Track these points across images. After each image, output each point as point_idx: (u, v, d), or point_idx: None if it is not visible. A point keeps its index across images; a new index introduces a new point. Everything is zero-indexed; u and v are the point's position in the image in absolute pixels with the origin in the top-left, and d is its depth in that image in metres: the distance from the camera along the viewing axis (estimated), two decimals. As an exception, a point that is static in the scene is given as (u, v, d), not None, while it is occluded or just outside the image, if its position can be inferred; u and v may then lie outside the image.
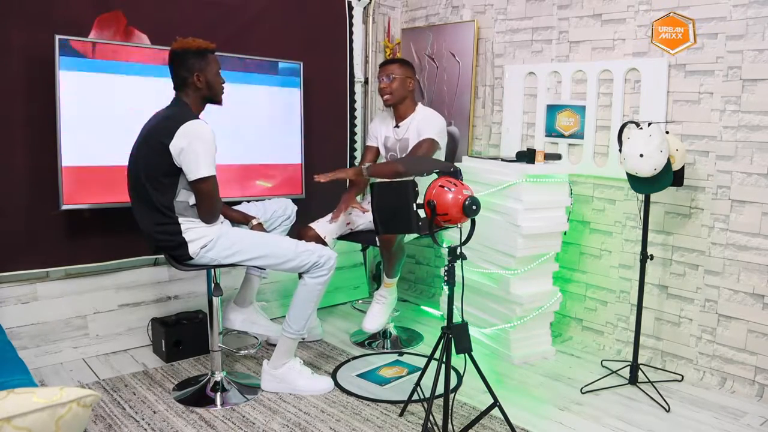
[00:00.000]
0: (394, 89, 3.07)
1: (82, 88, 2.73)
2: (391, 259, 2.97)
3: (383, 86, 3.09)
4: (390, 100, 3.09)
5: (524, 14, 3.50)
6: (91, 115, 2.76)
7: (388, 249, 2.92)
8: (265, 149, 3.37)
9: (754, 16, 2.62)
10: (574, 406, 2.60)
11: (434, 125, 3.05)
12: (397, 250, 2.94)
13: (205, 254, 2.41)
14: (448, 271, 2.15)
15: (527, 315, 3.00)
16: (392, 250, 2.92)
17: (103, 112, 2.79)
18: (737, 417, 2.52)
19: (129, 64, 2.84)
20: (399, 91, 3.08)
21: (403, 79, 3.07)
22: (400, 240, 2.90)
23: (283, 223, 2.95)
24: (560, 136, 3.36)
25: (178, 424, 2.38)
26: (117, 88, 2.83)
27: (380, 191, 2.09)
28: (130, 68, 2.85)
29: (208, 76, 2.43)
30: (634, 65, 3.02)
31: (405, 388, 2.65)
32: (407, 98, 3.11)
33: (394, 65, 3.10)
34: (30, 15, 2.70)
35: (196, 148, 2.28)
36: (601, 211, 3.24)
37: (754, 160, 2.67)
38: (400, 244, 2.93)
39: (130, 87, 2.85)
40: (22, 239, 2.78)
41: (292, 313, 2.58)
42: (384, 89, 3.08)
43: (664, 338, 3.02)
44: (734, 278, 2.76)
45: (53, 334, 2.90)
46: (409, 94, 3.12)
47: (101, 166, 2.80)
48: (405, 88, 3.09)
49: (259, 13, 3.41)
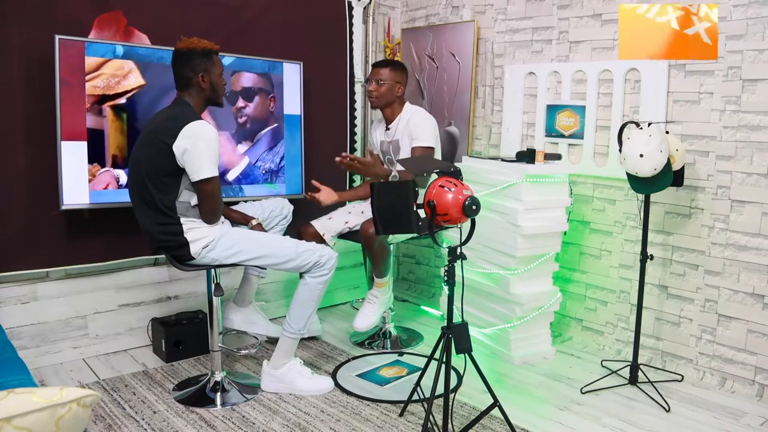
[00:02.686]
0: (381, 94, 3.08)
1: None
2: (374, 258, 2.97)
3: (371, 89, 3.11)
4: (375, 104, 3.13)
5: (524, 14, 3.50)
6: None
7: (370, 248, 2.91)
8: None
9: (754, 16, 2.62)
10: (574, 406, 2.60)
11: (425, 129, 3.03)
12: (380, 249, 2.92)
13: (206, 254, 2.41)
14: (448, 271, 2.15)
15: (527, 315, 3.00)
16: (374, 249, 2.91)
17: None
18: (737, 417, 2.52)
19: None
20: (385, 96, 3.09)
21: (392, 84, 3.07)
22: (381, 239, 2.89)
23: (280, 223, 2.95)
24: (560, 136, 3.36)
25: (178, 424, 2.38)
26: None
27: (380, 191, 2.09)
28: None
29: (212, 77, 2.44)
30: (634, 65, 3.02)
31: (405, 388, 2.65)
32: (394, 102, 3.12)
33: (385, 69, 3.09)
34: (30, 15, 2.69)
35: (200, 149, 2.28)
36: (601, 211, 3.24)
37: (754, 160, 2.67)
38: (381, 243, 2.91)
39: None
40: (22, 239, 2.78)
41: (292, 312, 2.58)
42: (371, 92, 3.11)
43: (664, 338, 3.02)
44: (734, 278, 2.76)
45: (53, 334, 2.90)
46: (397, 98, 3.12)
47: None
48: (392, 93, 3.09)
49: (259, 13, 3.41)
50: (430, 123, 3.08)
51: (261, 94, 3.29)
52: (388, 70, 3.09)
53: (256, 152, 3.29)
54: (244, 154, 3.24)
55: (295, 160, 3.45)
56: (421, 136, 3.01)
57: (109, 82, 2.78)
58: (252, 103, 3.26)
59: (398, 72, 3.12)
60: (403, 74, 3.14)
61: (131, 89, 2.84)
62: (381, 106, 3.13)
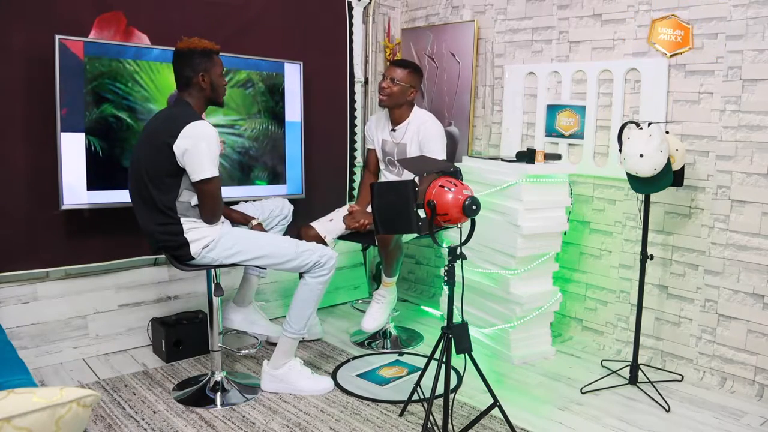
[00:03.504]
0: (394, 93, 3.04)
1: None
2: (388, 257, 2.97)
3: (384, 85, 3.06)
4: (385, 102, 3.08)
5: (524, 14, 3.50)
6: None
7: (386, 247, 2.92)
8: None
9: (754, 16, 2.62)
10: (574, 406, 2.60)
11: (437, 142, 3.02)
12: (395, 249, 2.94)
13: (206, 254, 2.41)
14: (448, 271, 2.15)
15: (527, 315, 3.00)
16: (389, 249, 2.91)
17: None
18: (737, 417, 2.52)
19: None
20: (397, 97, 3.05)
21: (406, 87, 3.04)
22: (397, 239, 2.89)
23: (280, 223, 2.95)
24: (560, 136, 3.36)
25: (178, 424, 2.38)
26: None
27: (380, 191, 2.09)
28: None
29: (213, 77, 2.44)
30: (634, 65, 3.02)
31: (405, 388, 2.65)
32: (404, 104, 3.10)
33: (404, 71, 3.05)
34: (30, 15, 2.70)
35: (200, 149, 2.28)
36: (601, 211, 3.24)
37: (754, 160, 2.67)
38: (397, 242, 2.92)
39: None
40: (22, 239, 2.78)
41: (292, 312, 2.58)
42: (383, 89, 3.05)
43: (664, 338, 3.02)
44: (734, 278, 2.76)
45: (53, 334, 2.90)
46: (407, 102, 3.10)
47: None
48: (404, 95, 3.06)
49: (259, 13, 3.41)
50: (441, 134, 3.07)
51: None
52: (406, 73, 3.05)
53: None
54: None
55: (295, 161, 3.45)
56: (433, 149, 3.01)
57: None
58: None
59: (415, 76, 3.09)
60: (418, 78, 3.12)
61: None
62: (390, 105, 3.09)
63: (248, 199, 3.03)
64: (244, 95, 3.23)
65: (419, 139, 3.05)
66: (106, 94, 2.79)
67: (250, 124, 3.28)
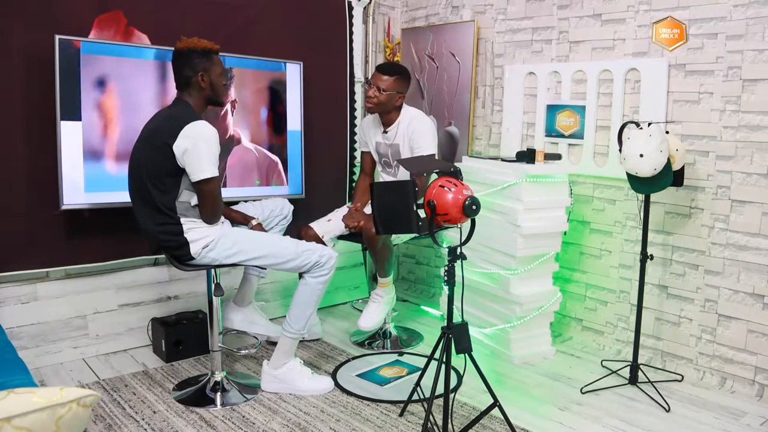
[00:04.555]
0: (381, 101, 3.02)
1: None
2: (378, 258, 2.97)
3: (370, 94, 3.04)
4: (372, 110, 3.09)
5: (524, 14, 3.50)
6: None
7: (373, 248, 2.91)
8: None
9: (754, 16, 2.62)
10: (574, 406, 2.60)
11: (426, 138, 3.02)
12: (383, 249, 2.93)
13: (206, 254, 2.41)
14: (448, 271, 2.15)
15: (527, 315, 3.00)
16: (377, 249, 2.91)
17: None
18: (737, 417, 2.52)
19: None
20: (384, 105, 3.04)
21: (392, 94, 3.02)
22: (384, 239, 2.88)
23: (280, 223, 2.95)
24: (560, 136, 3.36)
25: (178, 424, 2.38)
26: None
27: (380, 191, 2.09)
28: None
29: (212, 77, 2.44)
30: (634, 65, 3.02)
31: (405, 388, 2.65)
32: (392, 110, 3.08)
33: (390, 79, 3.00)
34: (30, 15, 2.70)
35: (200, 149, 2.28)
36: (601, 211, 3.24)
37: (754, 160, 2.67)
38: (385, 242, 2.91)
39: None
40: (22, 239, 2.78)
41: (292, 312, 2.58)
42: (370, 98, 3.05)
43: (664, 338, 3.02)
44: (734, 278, 2.76)
45: (53, 334, 2.90)
46: (395, 107, 3.08)
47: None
48: (392, 102, 3.04)
49: (259, 13, 3.41)
50: (429, 129, 3.06)
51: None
52: (392, 81, 3.01)
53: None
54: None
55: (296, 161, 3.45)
56: (423, 145, 3.00)
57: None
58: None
59: (401, 82, 3.05)
60: (405, 83, 3.09)
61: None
62: (378, 112, 3.10)
63: (248, 199, 3.03)
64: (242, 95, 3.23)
65: (409, 138, 3.05)
66: (106, 94, 2.79)
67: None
